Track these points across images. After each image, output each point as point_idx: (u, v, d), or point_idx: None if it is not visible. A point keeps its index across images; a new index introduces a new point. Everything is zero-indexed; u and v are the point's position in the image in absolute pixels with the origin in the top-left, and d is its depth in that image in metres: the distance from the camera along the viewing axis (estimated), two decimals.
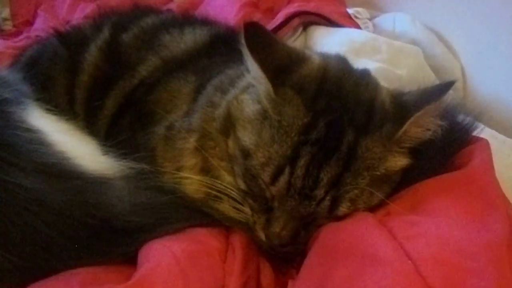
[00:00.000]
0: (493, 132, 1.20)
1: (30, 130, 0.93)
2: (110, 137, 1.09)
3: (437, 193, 0.85)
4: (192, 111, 1.03)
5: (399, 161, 0.87)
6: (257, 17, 1.79)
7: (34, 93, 1.06)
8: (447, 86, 0.87)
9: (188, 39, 1.21)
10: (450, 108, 0.94)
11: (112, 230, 0.85)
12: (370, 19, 1.88)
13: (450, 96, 0.93)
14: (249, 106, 0.90)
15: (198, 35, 1.22)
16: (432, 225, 0.78)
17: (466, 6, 1.58)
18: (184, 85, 1.10)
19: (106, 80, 1.20)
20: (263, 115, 0.87)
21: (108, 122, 1.17)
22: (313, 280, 0.78)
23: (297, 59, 0.91)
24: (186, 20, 1.32)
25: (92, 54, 1.24)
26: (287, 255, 0.91)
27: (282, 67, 0.88)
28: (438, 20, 1.71)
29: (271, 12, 1.89)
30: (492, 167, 0.88)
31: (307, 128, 0.83)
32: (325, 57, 0.97)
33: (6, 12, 2.27)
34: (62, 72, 1.25)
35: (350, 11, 1.87)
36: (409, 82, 1.40)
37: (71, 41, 1.31)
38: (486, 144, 0.93)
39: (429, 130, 0.87)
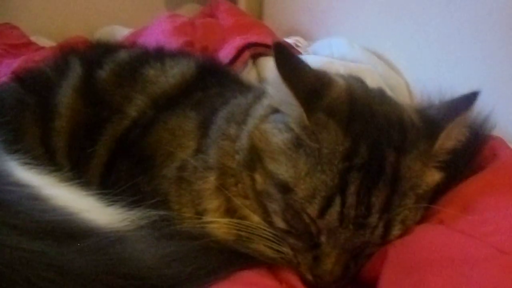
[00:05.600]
0: None
1: (19, 184, 0.81)
2: (106, 187, 0.97)
3: (482, 191, 0.87)
4: (205, 147, 0.96)
5: (436, 176, 0.88)
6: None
7: (7, 145, 0.94)
8: (473, 96, 0.89)
9: (175, 73, 1.13)
10: None
11: None
12: None
13: None
14: (276, 136, 0.85)
15: (185, 68, 1.15)
16: (500, 219, 0.80)
17: (400, 24, 1.65)
18: (185, 122, 1.02)
19: (90, 124, 1.09)
20: (296, 144, 0.83)
21: (101, 171, 1.06)
22: None
23: (325, 82, 0.87)
24: (162, 52, 1.23)
25: (66, 96, 1.11)
26: None
27: (312, 91, 0.84)
28: (375, 40, 1.78)
29: (206, 51, 1.84)
30: None
31: (350, 153, 0.80)
32: (345, 78, 0.95)
33: None
34: (31, 121, 1.11)
35: (290, 40, 1.89)
36: None
37: (34, 85, 1.16)
38: (502, 139, 1.00)
39: (460, 141, 0.88)
